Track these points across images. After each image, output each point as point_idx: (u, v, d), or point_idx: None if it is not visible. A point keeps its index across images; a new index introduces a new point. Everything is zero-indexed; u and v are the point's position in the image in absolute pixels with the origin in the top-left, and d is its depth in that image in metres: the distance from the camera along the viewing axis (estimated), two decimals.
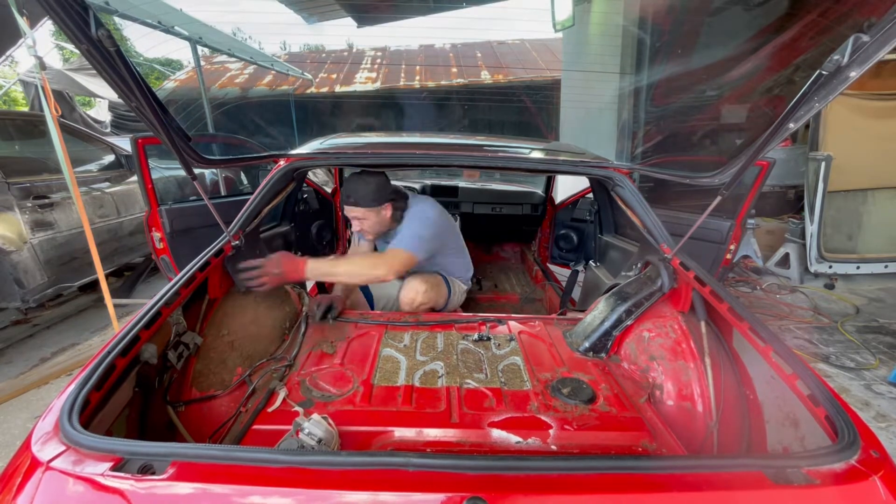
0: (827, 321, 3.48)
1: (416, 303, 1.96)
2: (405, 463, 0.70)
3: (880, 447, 0.79)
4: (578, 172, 1.99)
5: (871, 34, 0.83)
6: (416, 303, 1.96)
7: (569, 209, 3.25)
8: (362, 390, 1.27)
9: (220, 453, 0.72)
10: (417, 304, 1.96)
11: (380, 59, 11.45)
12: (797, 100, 0.99)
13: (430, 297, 1.99)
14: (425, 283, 1.99)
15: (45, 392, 2.50)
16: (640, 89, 5.38)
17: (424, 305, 1.98)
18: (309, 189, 3.04)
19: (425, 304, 1.98)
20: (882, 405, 2.44)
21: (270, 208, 1.86)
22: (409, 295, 1.97)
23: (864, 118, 4.04)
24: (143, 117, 1.12)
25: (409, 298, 1.97)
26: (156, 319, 1.12)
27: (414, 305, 1.97)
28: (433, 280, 2.07)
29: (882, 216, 4.20)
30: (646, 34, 5.21)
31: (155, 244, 2.22)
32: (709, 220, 2.12)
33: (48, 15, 0.86)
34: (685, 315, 1.47)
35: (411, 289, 1.97)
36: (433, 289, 2.01)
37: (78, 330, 3.27)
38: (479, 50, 11.43)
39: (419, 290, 1.96)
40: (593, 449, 1.10)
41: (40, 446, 0.73)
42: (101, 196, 3.46)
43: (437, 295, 2.04)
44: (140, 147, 2.08)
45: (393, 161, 1.96)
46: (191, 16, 4.54)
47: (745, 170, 1.24)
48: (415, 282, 1.99)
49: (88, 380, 0.86)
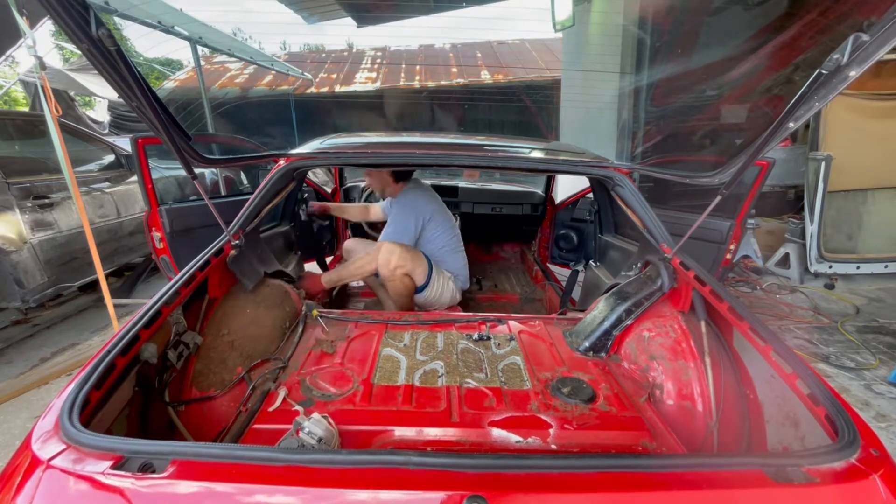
0: (827, 321, 3.48)
1: (391, 264, 2.11)
2: (405, 461, 0.70)
3: (880, 446, 0.79)
4: (578, 172, 1.99)
5: (871, 33, 0.83)
6: (391, 264, 2.11)
7: (569, 209, 3.25)
8: (362, 390, 1.27)
9: (221, 452, 0.72)
10: (392, 267, 2.11)
11: (380, 59, 11.46)
12: (797, 99, 0.99)
13: (406, 260, 2.13)
14: (399, 247, 2.16)
15: (45, 392, 2.50)
16: (640, 89, 5.38)
17: (400, 269, 2.12)
18: (309, 189, 3.04)
19: (400, 266, 2.12)
20: (882, 405, 2.44)
21: (270, 208, 1.86)
22: (385, 257, 2.12)
23: (865, 118, 4.04)
24: (144, 117, 1.12)
25: (384, 260, 2.12)
26: (156, 319, 1.12)
27: (389, 268, 2.11)
28: (410, 249, 2.22)
29: (882, 216, 4.20)
30: (646, 34, 5.20)
31: (155, 244, 2.22)
32: (709, 220, 2.12)
33: (49, 14, 0.86)
34: (685, 315, 1.47)
35: (386, 250, 2.13)
36: (408, 253, 2.16)
37: (78, 330, 3.27)
38: (479, 50, 11.43)
39: (393, 252, 2.12)
40: (593, 448, 1.10)
41: (40, 445, 0.73)
42: (101, 196, 3.46)
43: (413, 262, 2.17)
44: (140, 147, 2.08)
45: (393, 161, 1.96)
46: (191, 16, 4.54)
47: (745, 169, 1.24)
48: (389, 245, 2.16)
49: (88, 379, 0.86)
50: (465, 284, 2.55)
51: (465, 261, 2.53)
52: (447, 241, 2.43)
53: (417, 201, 2.34)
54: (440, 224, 2.40)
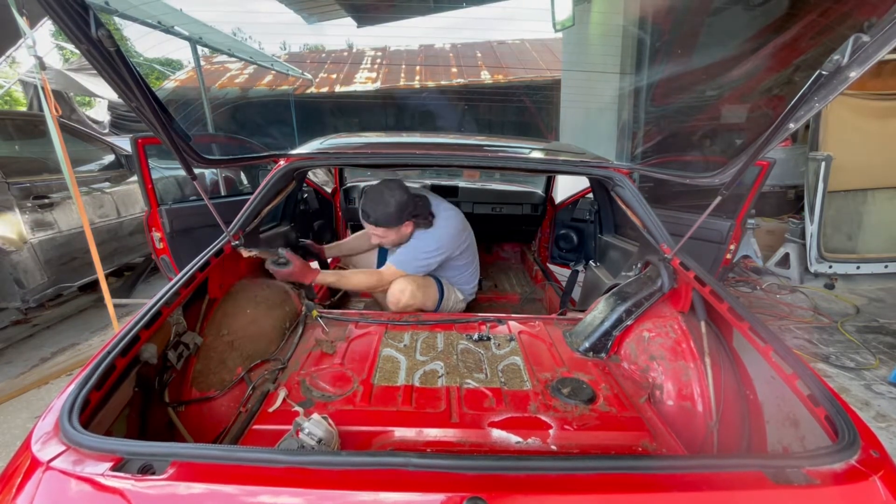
0: (827, 321, 3.48)
1: (400, 303, 1.95)
2: (405, 463, 0.70)
3: (880, 447, 0.79)
4: (578, 172, 1.99)
5: (872, 34, 0.83)
6: (400, 303, 1.95)
7: (569, 209, 3.25)
8: (362, 390, 1.27)
9: (221, 453, 0.72)
10: (403, 305, 1.95)
11: (380, 59, 11.45)
12: (797, 100, 0.99)
13: (417, 298, 1.97)
14: (412, 283, 1.98)
15: (45, 392, 2.50)
16: (640, 89, 5.38)
17: (410, 307, 1.96)
18: (309, 189, 3.04)
19: (411, 305, 1.96)
20: (882, 405, 2.44)
21: (271, 208, 1.86)
22: (395, 294, 1.96)
23: (865, 118, 4.04)
24: (143, 117, 1.12)
25: (394, 298, 1.96)
26: (156, 319, 1.12)
27: (399, 305, 1.95)
28: (422, 281, 2.05)
29: (882, 216, 4.20)
30: (646, 34, 5.21)
31: (155, 244, 2.22)
32: (709, 220, 2.12)
33: (48, 15, 0.86)
34: (685, 315, 1.47)
35: (398, 288, 1.96)
36: (420, 290, 1.99)
37: (78, 330, 3.27)
38: (479, 50, 11.43)
39: (405, 291, 1.95)
40: (593, 449, 1.10)
41: (40, 446, 0.73)
42: (101, 196, 3.46)
43: (423, 297, 2.02)
44: (140, 147, 2.08)
45: (393, 161, 1.95)
46: (191, 16, 4.54)
47: (746, 170, 1.24)
48: (403, 282, 1.98)
49: (88, 380, 0.86)
50: (472, 297, 2.41)
51: (476, 268, 2.36)
52: (465, 268, 2.26)
53: (449, 234, 2.07)
54: (464, 255, 2.21)
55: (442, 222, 2.08)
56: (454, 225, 2.11)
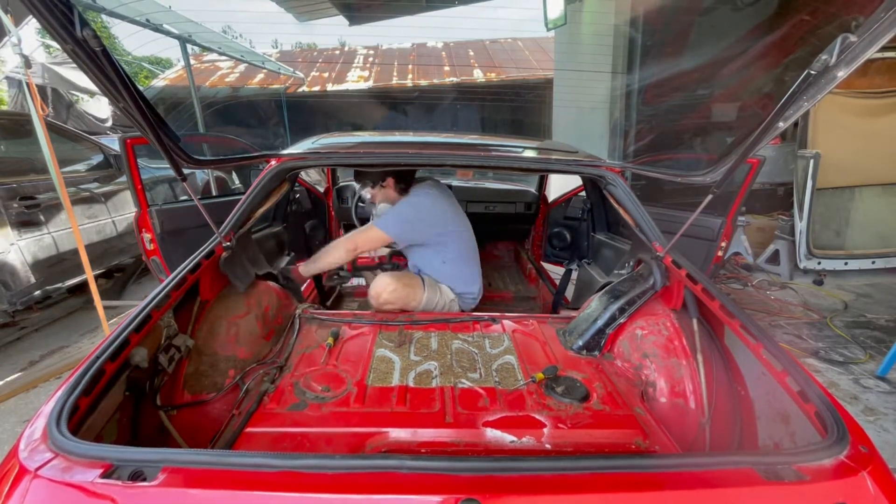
0: (816, 317, 3.53)
1: (380, 298, 1.91)
2: (399, 465, 0.69)
3: (868, 442, 0.80)
4: (571, 171, 1.99)
5: (859, 34, 0.84)
6: (380, 298, 1.91)
7: (562, 207, 3.26)
8: (356, 391, 1.27)
9: (212, 458, 0.71)
10: (382, 301, 1.92)
11: (372, 58, 11.40)
12: (786, 99, 1.00)
13: (398, 296, 1.93)
14: (396, 281, 1.94)
15: (33, 396, 2.47)
16: (632, 88, 5.41)
17: (390, 304, 1.92)
18: (301, 188, 3.02)
19: (391, 302, 1.92)
20: (870, 399, 2.48)
21: (263, 211, 1.85)
22: (377, 289, 1.94)
23: (852, 116, 4.09)
24: (131, 118, 1.10)
25: (375, 293, 1.94)
26: (146, 322, 1.11)
27: (379, 301, 1.92)
28: (406, 279, 2.00)
29: (869, 213, 4.26)
30: (637, 33, 5.23)
31: (145, 245, 2.19)
32: (700, 218, 2.14)
33: (32, 14, 0.84)
34: (677, 312, 1.48)
35: (379, 283, 1.94)
36: (403, 288, 1.95)
37: (67, 332, 3.22)
38: (472, 48, 11.42)
39: (386, 287, 1.91)
40: (587, 447, 1.10)
41: (28, 454, 0.72)
42: (90, 196, 3.41)
43: (406, 295, 1.95)
44: (129, 147, 2.05)
45: (385, 160, 1.94)
46: (180, 14, 4.48)
47: (736, 168, 1.25)
48: (386, 278, 1.95)
49: (77, 385, 0.85)
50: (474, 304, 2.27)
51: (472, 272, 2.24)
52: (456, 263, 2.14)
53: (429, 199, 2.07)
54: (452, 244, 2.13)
55: (423, 190, 2.14)
56: (435, 194, 2.12)
